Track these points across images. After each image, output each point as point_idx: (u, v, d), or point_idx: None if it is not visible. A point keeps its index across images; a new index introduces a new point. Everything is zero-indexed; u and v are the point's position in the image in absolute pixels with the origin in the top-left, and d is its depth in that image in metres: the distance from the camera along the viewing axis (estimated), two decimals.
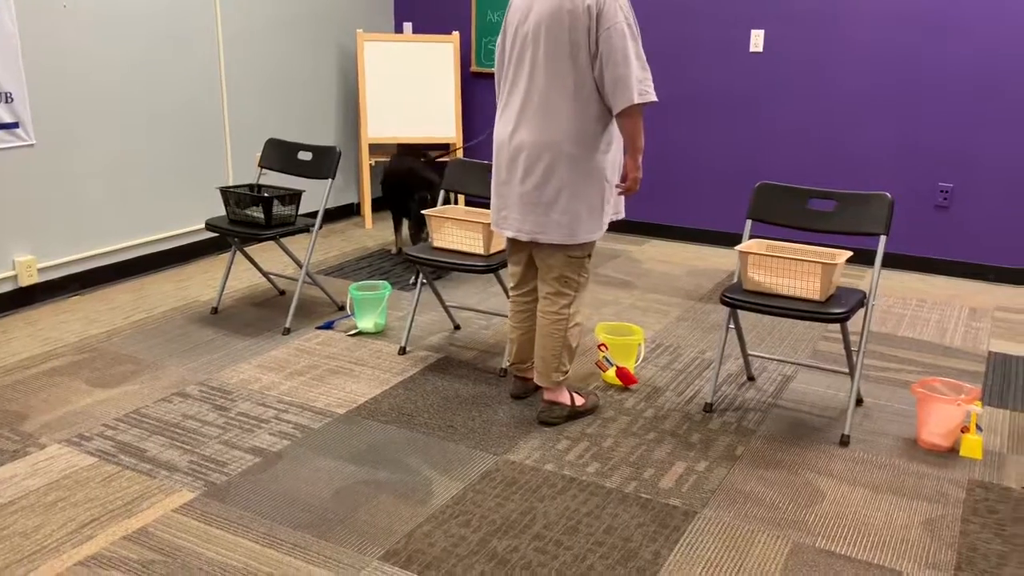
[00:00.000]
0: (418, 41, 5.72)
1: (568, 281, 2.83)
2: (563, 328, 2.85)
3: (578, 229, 2.75)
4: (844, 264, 2.91)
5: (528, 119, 2.72)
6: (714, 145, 5.31)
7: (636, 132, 2.69)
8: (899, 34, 4.69)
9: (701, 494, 2.53)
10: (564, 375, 2.91)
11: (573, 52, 2.62)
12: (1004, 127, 4.55)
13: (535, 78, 2.69)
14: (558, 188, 2.72)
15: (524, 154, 2.74)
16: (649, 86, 2.65)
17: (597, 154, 2.72)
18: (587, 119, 2.67)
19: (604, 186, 2.77)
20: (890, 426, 2.98)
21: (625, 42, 2.58)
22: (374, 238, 5.48)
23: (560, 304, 2.84)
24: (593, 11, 2.58)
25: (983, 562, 2.22)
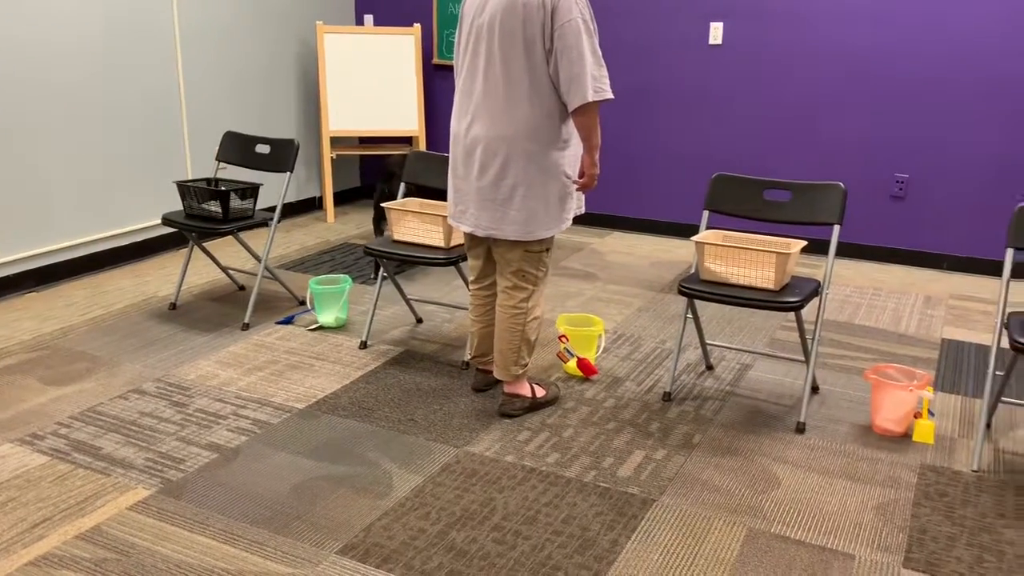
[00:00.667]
0: (379, 33, 5.69)
1: (526, 275, 2.84)
2: (521, 322, 2.86)
3: (535, 226, 2.75)
4: (799, 253, 2.94)
5: (483, 113, 2.71)
6: (674, 137, 5.34)
7: (592, 129, 2.68)
8: (855, 27, 4.75)
9: (659, 482, 2.55)
10: (523, 368, 2.92)
11: (528, 47, 2.61)
12: (958, 118, 4.63)
13: (490, 72, 2.67)
14: (513, 184, 2.71)
15: (480, 148, 2.73)
16: (605, 83, 2.64)
17: (554, 150, 2.71)
18: (543, 114, 2.66)
19: (563, 182, 2.76)
20: (845, 413, 3.03)
21: (580, 39, 2.56)
22: (336, 232, 5.45)
23: (518, 298, 2.84)
24: (548, 6, 2.56)
25: (933, 544, 2.26)
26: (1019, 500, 2.48)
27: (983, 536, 2.30)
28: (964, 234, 4.75)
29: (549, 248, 2.86)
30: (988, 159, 4.61)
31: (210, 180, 3.94)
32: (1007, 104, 4.50)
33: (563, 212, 2.80)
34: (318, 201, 6.08)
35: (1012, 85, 4.47)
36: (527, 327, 2.87)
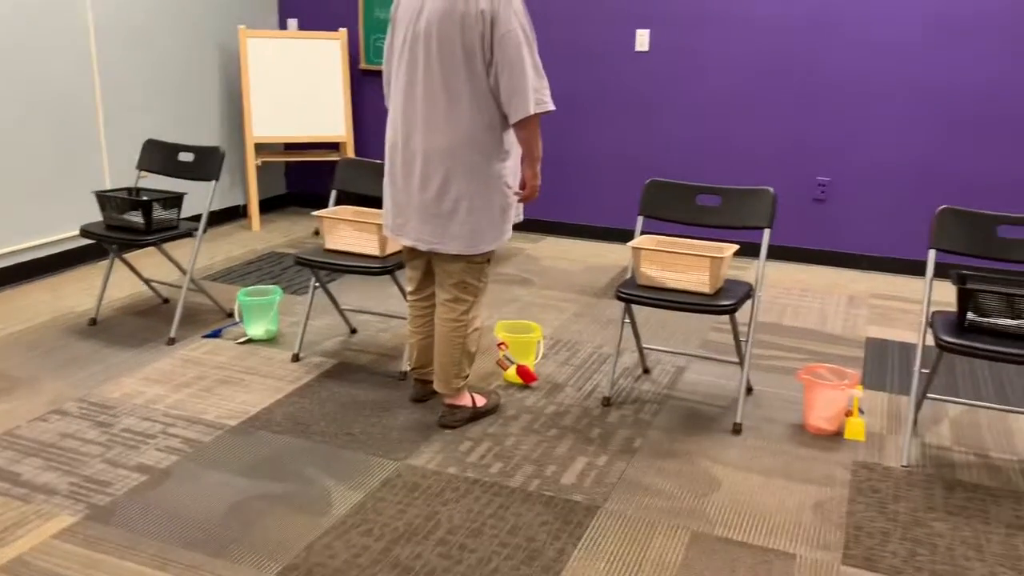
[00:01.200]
0: (304, 38, 5.58)
1: (468, 287, 2.79)
2: (463, 335, 2.82)
3: (479, 239, 2.71)
4: (731, 257, 2.99)
5: (423, 124, 2.64)
6: (606, 143, 5.39)
7: (533, 141, 2.66)
8: (778, 35, 4.87)
9: (602, 488, 2.55)
10: (464, 380, 2.88)
11: (467, 58, 2.56)
12: (876, 123, 4.79)
13: (429, 82, 2.61)
14: (457, 198, 2.66)
15: (420, 161, 2.67)
16: (546, 95, 2.61)
17: (496, 161, 2.68)
18: (484, 126, 2.62)
19: (505, 192, 2.73)
20: (779, 412, 3.09)
21: (520, 50, 2.53)
22: (263, 241, 5.32)
23: (459, 311, 2.80)
24: (487, 16, 2.52)
25: (868, 540, 2.32)
26: (947, 494, 2.57)
27: (916, 530, 2.37)
28: (882, 235, 4.92)
29: (490, 259, 2.83)
30: (904, 163, 4.78)
31: (131, 190, 3.79)
32: (923, 109, 4.68)
33: (505, 223, 2.77)
34: (242, 209, 5.92)
35: (928, 90, 4.65)
36: (468, 339, 2.83)
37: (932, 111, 4.66)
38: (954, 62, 4.56)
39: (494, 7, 2.51)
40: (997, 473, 2.70)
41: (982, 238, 2.82)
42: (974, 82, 4.55)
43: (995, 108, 4.54)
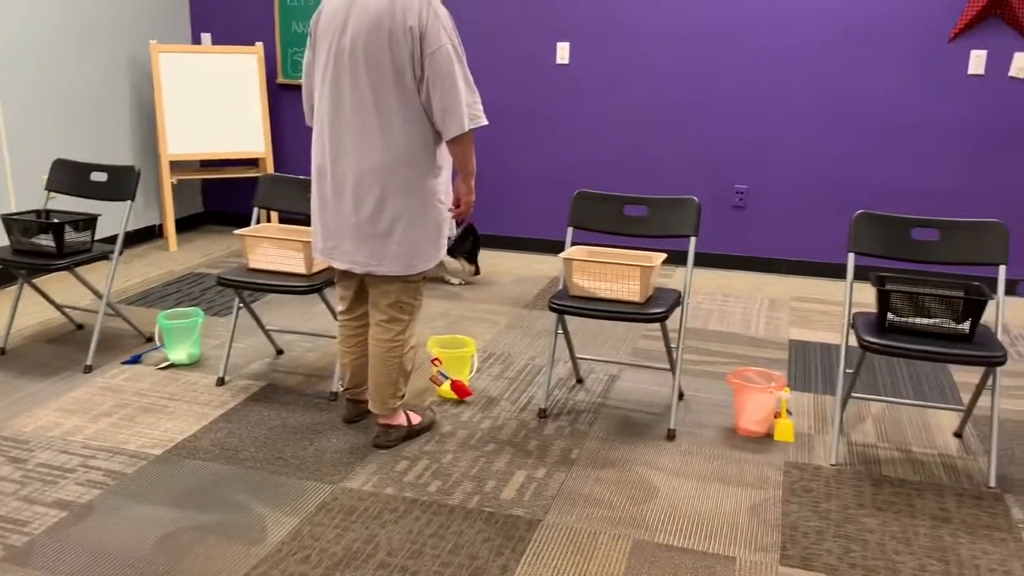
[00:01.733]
0: (218, 52, 5.45)
1: (404, 306, 2.74)
2: (399, 354, 2.76)
3: (417, 258, 2.66)
4: (660, 266, 3.04)
5: (354, 144, 2.57)
6: (532, 155, 5.41)
7: (468, 157, 2.63)
8: (694, 46, 4.98)
9: (542, 501, 2.54)
10: (400, 400, 2.84)
11: (397, 75, 2.50)
12: (789, 131, 4.94)
13: (358, 101, 2.54)
14: (393, 218, 2.61)
15: (352, 181, 2.59)
16: (479, 109, 2.59)
17: (430, 178, 2.63)
18: (417, 143, 2.57)
19: (440, 210, 2.69)
20: (711, 417, 3.14)
21: (452, 66, 2.49)
22: (181, 261, 5.15)
23: (395, 331, 2.74)
24: (416, 32, 2.47)
25: (804, 540, 2.37)
26: (875, 490, 2.65)
27: (848, 527, 2.43)
28: (799, 239, 5.07)
29: (425, 276, 2.79)
30: (817, 169, 4.94)
31: (40, 212, 3.63)
32: (833, 117, 4.85)
33: (440, 240, 2.74)
34: (158, 229, 5.73)
35: (839, 98, 4.82)
36: (404, 359, 2.78)
37: (842, 118, 4.84)
38: (861, 70, 4.75)
39: (423, 23, 2.46)
40: (920, 467, 2.80)
41: (897, 241, 2.92)
42: (881, 89, 4.74)
43: (901, 114, 4.74)
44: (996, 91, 4.58)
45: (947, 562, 2.28)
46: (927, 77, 4.66)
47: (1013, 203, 4.67)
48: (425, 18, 2.46)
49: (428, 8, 2.47)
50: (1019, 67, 4.51)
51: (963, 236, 2.87)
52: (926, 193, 4.79)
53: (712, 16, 4.91)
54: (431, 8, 2.48)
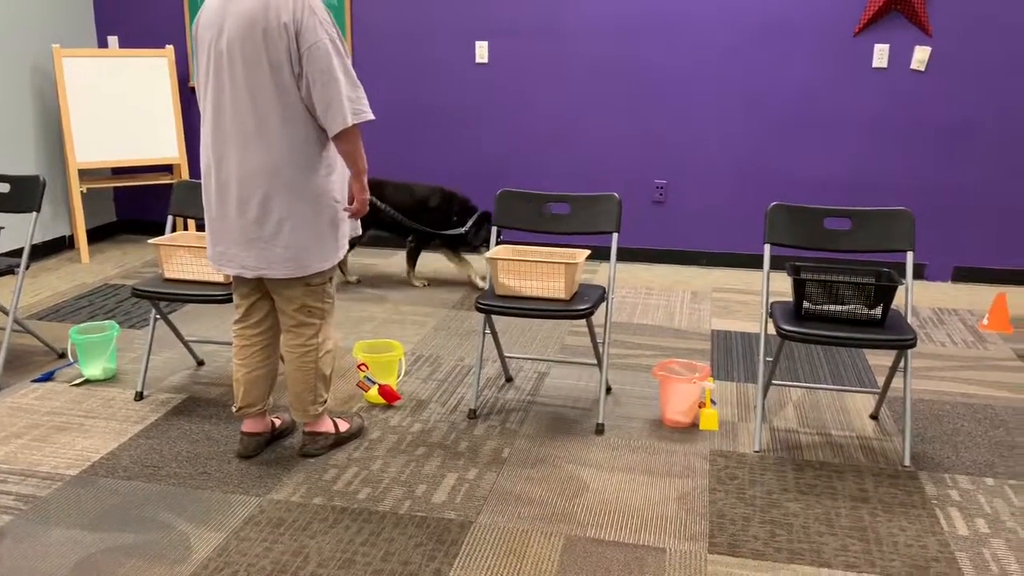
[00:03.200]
0: (127, 56, 5.27)
1: (312, 310, 2.67)
2: (314, 359, 2.70)
3: (308, 260, 2.58)
4: (584, 262, 3.06)
5: (235, 146, 2.50)
6: (451, 155, 5.39)
7: (355, 153, 2.55)
8: (612, 44, 5.04)
9: (474, 502, 2.54)
10: (323, 405, 2.79)
11: (275, 73, 2.43)
12: (705, 125, 5.04)
13: (237, 102, 2.47)
14: (279, 219, 2.53)
15: (235, 184, 2.52)
16: (363, 104, 2.51)
17: (318, 178, 2.54)
18: (300, 142, 2.50)
19: (334, 209, 2.62)
20: (638, 409, 3.18)
21: (330, 61, 2.41)
22: (94, 273, 4.97)
23: (307, 335, 2.68)
24: (291, 29, 2.38)
25: (731, 526, 2.42)
26: (797, 474, 2.72)
27: (772, 512, 2.49)
28: (718, 232, 5.18)
29: (332, 277, 2.73)
30: (734, 163, 5.06)
31: None
32: (748, 111, 4.97)
33: (338, 240, 2.66)
34: (69, 240, 5.52)
35: (752, 93, 4.94)
36: (321, 363, 2.72)
37: (756, 113, 4.96)
38: (773, 66, 4.88)
39: (297, 19, 2.39)
40: (839, 450, 2.89)
41: (811, 231, 3.01)
42: (792, 83, 4.88)
43: (811, 107, 4.89)
44: (899, 83, 4.76)
45: (867, 541, 2.36)
46: (835, 71, 4.81)
47: (918, 190, 4.87)
48: (300, 14, 2.39)
49: (302, 3, 2.40)
50: (919, 60, 4.70)
51: (873, 224, 2.97)
52: (837, 183, 4.95)
53: (628, 14, 4.97)
54: (306, 3, 2.40)
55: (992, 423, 3.08)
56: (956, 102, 4.72)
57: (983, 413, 3.17)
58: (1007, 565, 2.25)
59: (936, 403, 3.25)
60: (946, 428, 3.04)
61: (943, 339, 3.97)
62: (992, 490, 2.62)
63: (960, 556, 2.29)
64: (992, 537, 2.38)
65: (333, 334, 2.79)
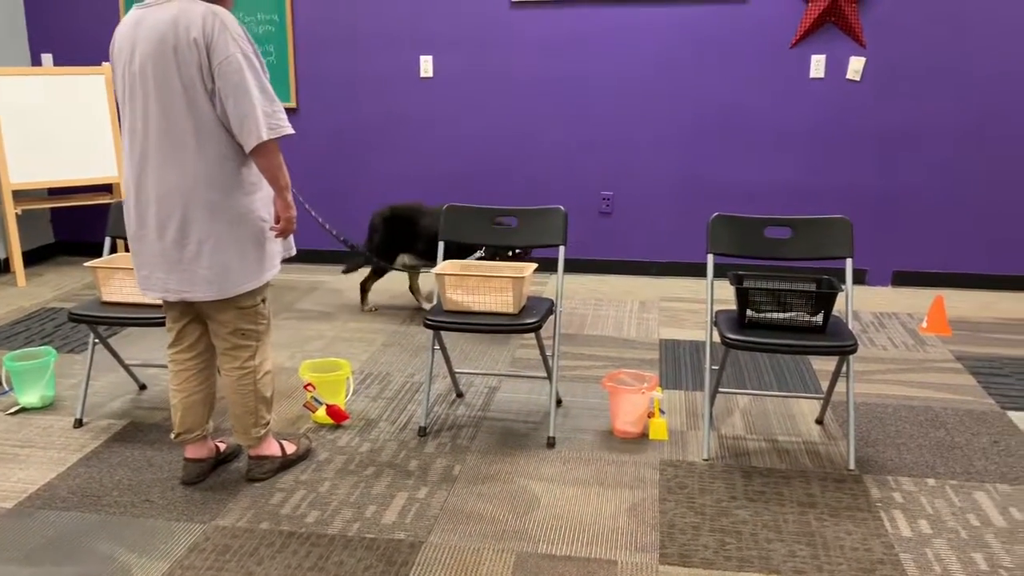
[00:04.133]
0: (62, 74, 5.14)
1: (246, 332, 2.61)
2: (252, 381, 2.64)
3: (231, 281, 2.51)
4: (532, 275, 3.06)
5: (151, 167, 2.45)
6: (397, 169, 5.37)
7: (275, 169, 2.47)
8: (556, 59, 5.07)
9: (425, 522, 2.51)
10: (266, 428, 2.73)
11: (187, 91, 2.38)
12: (649, 138, 5.10)
13: (151, 121, 2.42)
14: (199, 241, 2.47)
15: (154, 206, 2.47)
16: (280, 119, 2.44)
17: (240, 196, 2.48)
18: (217, 160, 2.43)
19: (260, 228, 2.54)
20: (588, 421, 3.19)
21: (243, 76, 2.35)
22: (30, 297, 4.83)
23: (243, 358, 2.62)
24: (201, 44, 2.33)
25: (681, 536, 2.44)
26: (746, 481, 2.75)
27: (722, 520, 2.52)
28: (664, 242, 5.24)
29: (264, 298, 2.65)
30: (677, 174, 5.12)
31: None
32: (691, 123, 5.04)
33: (265, 260, 2.58)
34: (3, 263, 5.36)
35: (694, 105, 5.01)
36: (260, 385, 2.66)
37: (698, 124, 5.03)
38: (713, 78, 4.95)
39: (207, 34, 2.34)
40: (786, 455, 2.93)
41: (752, 240, 3.06)
42: (732, 95, 4.96)
43: (751, 118, 4.97)
44: (836, 93, 4.87)
45: (814, 546, 2.39)
46: (773, 82, 4.91)
47: (858, 197, 4.98)
48: (210, 29, 2.34)
49: (213, 19, 2.35)
50: (855, 70, 4.82)
51: (812, 232, 3.03)
52: (780, 192, 5.04)
53: (572, 28, 5.01)
54: (216, 18, 2.35)
55: (933, 424, 3.16)
56: (891, 110, 4.84)
57: (924, 415, 3.24)
58: (949, 565, 2.30)
59: (879, 406, 3.32)
60: (889, 431, 3.11)
61: (884, 343, 4.06)
62: (933, 491, 2.68)
63: (904, 557, 2.33)
64: (934, 537, 2.43)
65: (271, 354, 2.74)
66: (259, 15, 5.28)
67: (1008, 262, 4.93)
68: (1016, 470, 2.81)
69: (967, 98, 4.75)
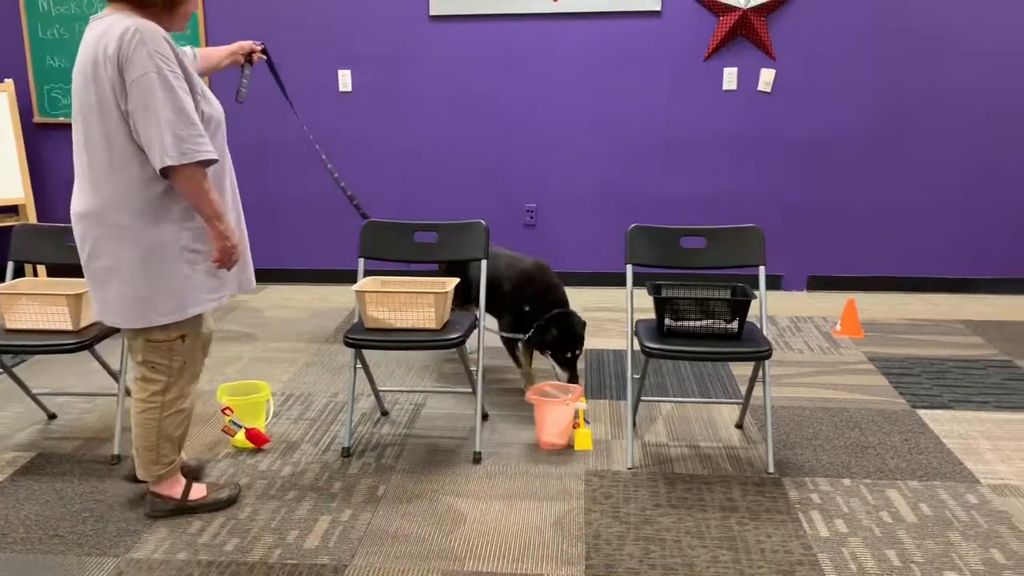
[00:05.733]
0: None
1: (156, 367, 2.48)
2: (156, 417, 2.50)
3: (140, 313, 2.39)
4: (454, 290, 3.05)
5: (78, 187, 2.39)
6: (315, 185, 5.30)
7: (196, 196, 2.30)
8: (475, 74, 5.08)
9: (348, 545, 2.47)
10: (167, 467, 2.58)
11: (102, 109, 2.27)
12: (570, 150, 5.15)
13: (77, 140, 2.35)
14: (108, 268, 2.38)
15: (77, 226, 2.41)
16: (196, 142, 2.25)
17: (159, 224, 2.35)
18: (132, 184, 2.31)
19: (183, 259, 2.39)
20: (514, 434, 3.19)
21: (153, 96, 2.21)
22: None
23: (151, 390, 2.50)
24: (115, 61, 2.21)
25: (607, 547, 2.45)
26: (669, 488, 2.78)
27: (646, 528, 2.54)
28: (587, 252, 5.29)
29: (185, 336, 2.48)
30: (598, 186, 5.18)
31: None
32: (610, 135, 5.10)
33: (186, 295, 2.42)
34: None
35: (612, 118, 5.08)
36: (165, 423, 2.52)
37: (616, 137, 5.10)
38: (630, 91, 5.03)
39: (123, 51, 2.21)
40: (708, 461, 2.98)
41: (669, 250, 3.11)
42: (649, 108, 5.05)
43: (668, 130, 5.07)
44: (748, 104, 5.01)
45: (736, 550, 2.43)
46: (689, 94, 5.01)
47: (772, 205, 5.12)
48: (126, 45, 2.21)
49: (133, 34, 2.21)
50: (766, 82, 4.96)
51: (726, 242, 3.09)
52: (697, 202, 5.15)
53: (491, 42, 5.03)
54: (137, 34, 2.21)
55: (847, 425, 3.25)
56: (801, 120, 5.00)
57: (839, 416, 3.34)
58: (864, 562, 2.37)
59: (796, 409, 3.41)
60: (806, 433, 3.19)
61: (800, 346, 4.18)
62: (849, 490, 2.76)
63: (822, 557, 2.39)
64: (850, 536, 2.49)
65: (190, 392, 2.58)
66: None
67: (916, 265, 5.13)
68: (926, 467, 2.91)
69: (871, 106, 4.94)
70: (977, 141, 4.94)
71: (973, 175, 4.99)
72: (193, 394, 2.60)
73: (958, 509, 2.63)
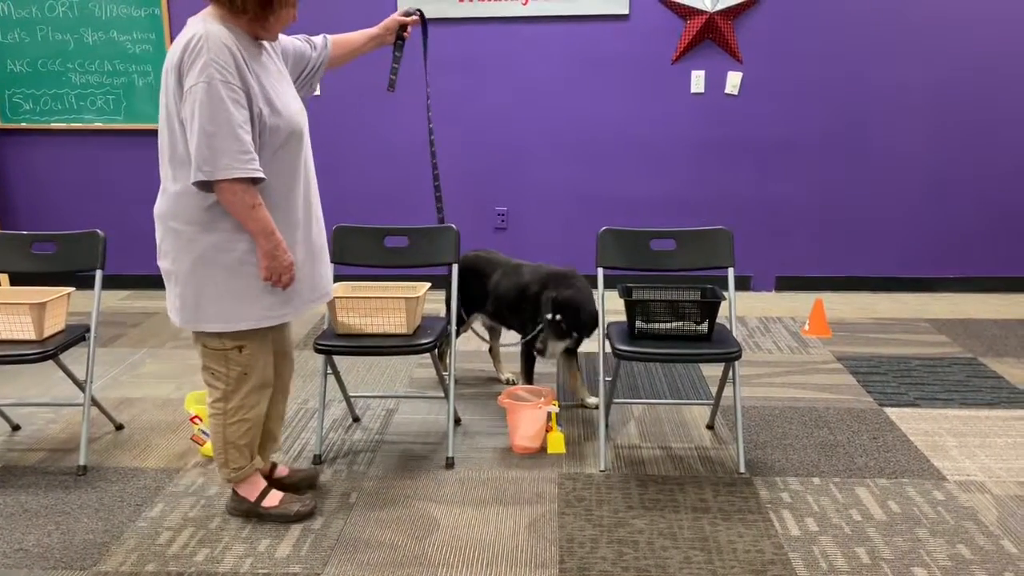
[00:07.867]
0: None
1: (215, 373, 2.48)
2: (220, 423, 2.51)
3: (193, 316, 2.40)
4: (426, 295, 3.04)
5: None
6: None
7: (237, 212, 2.27)
8: (447, 76, 5.07)
9: (321, 553, 2.45)
10: (237, 471, 2.56)
11: (168, 117, 2.28)
12: (540, 154, 5.15)
13: (159, 142, 2.40)
14: (167, 267, 2.43)
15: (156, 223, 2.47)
16: (236, 158, 2.19)
17: (213, 232, 2.33)
18: (188, 191, 2.29)
19: (235, 270, 2.36)
20: (487, 439, 3.18)
21: (198, 107, 2.17)
22: None
23: (213, 396, 2.51)
24: (176, 70, 2.22)
25: (580, 550, 2.45)
26: (642, 490, 2.79)
27: (619, 530, 2.55)
28: (558, 255, 5.29)
29: (243, 347, 2.44)
30: (568, 189, 5.19)
31: None
32: (581, 139, 5.12)
33: (242, 307, 2.39)
34: None
35: (583, 122, 5.10)
36: (229, 430, 2.51)
37: (587, 140, 5.12)
38: (600, 95, 5.05)
39: (184, 60, 2.21)
40: (680, 462, 2.99)
41: (639, 253, 3.13)
42: (618, 111, 5.07)
43: (638, 133, 5.09)
44: (716, 107, 5.05)
45: (708, 550, 2.44)
46: (657, 98, 5.04)
47: (740, 206, 5.16)
48: (189, 55, 2.20)
49: (197, 42, 2.20)
50: (733, 84, 5.00)
51: (695, 244, 3.12)
52: (666, 204, 5.18)
53: (461, 45, 5.03)
54: (200, 43, 2.19)
55: (816, 424, 3.29)
56: (768, 123, 5.05)
57: (808, 415, 3.37)
58: (834, 560, 2.39)
59: (766, 409, 3.44)
60: (776, 432, 3.22)
61: (770, 346, 4.21)
62: (819, 489, 2.79)
63: (793, 556, 2.41)
64: (820, 535, 2.52)
65: (253, 403, 2.52)
66: (135, 33, 5.09)
67: (883, 265, 5.20)
68: (893, 464, 2.95)
69: (836, 108, 5.00)
70: (939, 142, 5.02)
71: (936, 175, 5.07)
72: (261, 405, 2.55)
73: (925, 506, 2.67)
